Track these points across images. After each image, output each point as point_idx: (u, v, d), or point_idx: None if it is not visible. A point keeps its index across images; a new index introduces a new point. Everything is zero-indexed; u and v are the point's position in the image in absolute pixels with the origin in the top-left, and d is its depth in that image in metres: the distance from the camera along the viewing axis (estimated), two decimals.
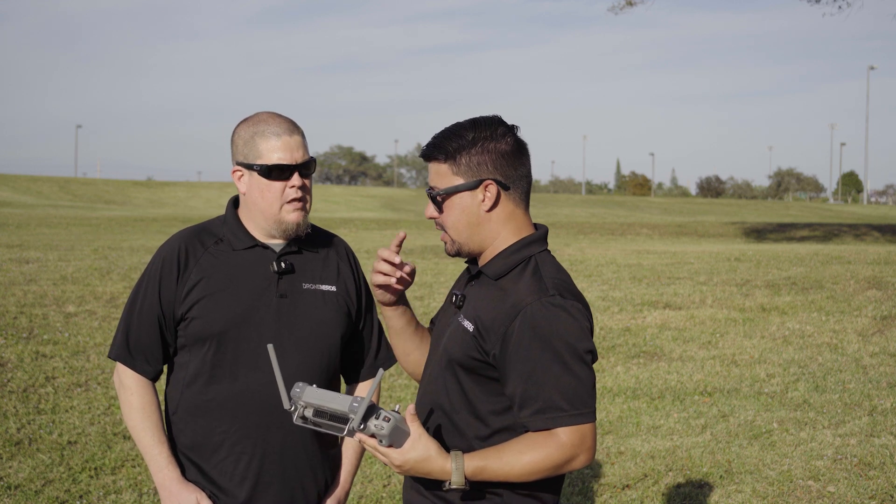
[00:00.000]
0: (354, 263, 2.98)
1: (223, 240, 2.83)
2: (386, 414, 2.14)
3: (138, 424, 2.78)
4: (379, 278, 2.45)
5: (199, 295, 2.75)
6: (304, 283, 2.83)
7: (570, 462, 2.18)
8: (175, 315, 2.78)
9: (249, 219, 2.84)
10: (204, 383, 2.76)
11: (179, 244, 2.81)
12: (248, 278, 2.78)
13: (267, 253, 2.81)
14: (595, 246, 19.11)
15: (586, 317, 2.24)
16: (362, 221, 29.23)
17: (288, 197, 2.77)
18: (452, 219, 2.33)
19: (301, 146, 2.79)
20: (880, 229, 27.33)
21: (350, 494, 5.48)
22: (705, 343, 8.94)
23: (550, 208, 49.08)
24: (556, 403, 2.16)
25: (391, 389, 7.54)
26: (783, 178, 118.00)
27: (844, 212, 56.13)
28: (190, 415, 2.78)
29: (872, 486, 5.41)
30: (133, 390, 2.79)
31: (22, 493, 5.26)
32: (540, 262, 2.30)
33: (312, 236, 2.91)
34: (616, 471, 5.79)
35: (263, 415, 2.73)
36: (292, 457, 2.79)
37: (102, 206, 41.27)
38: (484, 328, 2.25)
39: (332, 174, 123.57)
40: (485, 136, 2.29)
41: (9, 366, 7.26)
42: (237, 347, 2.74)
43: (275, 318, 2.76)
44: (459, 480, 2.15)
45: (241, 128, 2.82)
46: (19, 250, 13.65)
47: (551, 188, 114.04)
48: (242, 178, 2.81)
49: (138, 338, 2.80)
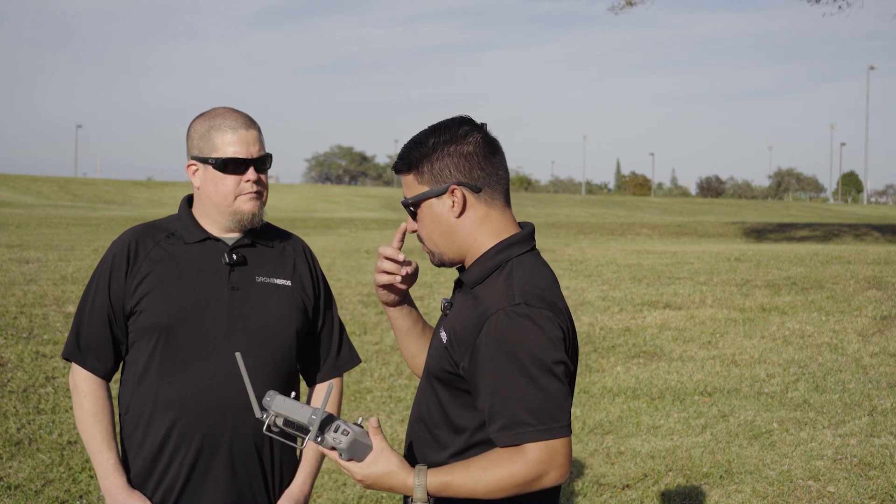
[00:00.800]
0: (312, 261, 2.93)
1: (175, 234, 2.80)
2: (345, 427, 2.09)
3: (88, 429, 2.74)
4: (383, 278, 2.38)
5: (147, 288, 2.72)
6: (257, 275, 2.79)
7: (540, 479, 2.06)
8: (125, 309, 2.74)
9: (203, 214, 2.81)
10: (154, 378, 2.70)
11: (129, 239, 2.79)
12: (199, 270, 2.74)
13: (219, 245, 2.78)
14: (595, 246, 19.09)
15: (557, 325, 2.11)
16: (362, 221, 29.22)
17: (243, 190, 2.74)
18: (427, 229, 2.26)
19: (257, 141, 2.77)
20: (880, 229, 27.32)
21: (350, 494, 5.48)
22: (705, 343, 8.94)
23: (550, 208, 49.06)
24: (521, 418, 2.05)
25: (391, 389, 7.53)
26: (783, 178, 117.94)
27: (844, 212, 56.11)
28: (139, 413, 2.73)
29: (872, 486, 5.41)
30: (85, 393, 2.76)
31: (22, 493, 5.26)
32: (515, 267, 2.19)
33: (269, 232, 2.87)
34: (616, 471, 5.79)
35: (213, 411, 2.69)
36: (243, 454, 2.74)
37: (102, 206, 41.25)
38: (456, 339, 2.17)
39: (332, 174, 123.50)
40: (444, 139, 2.21)
41: (9, 366, 7.26)
42: (187, 341, 2.70)
43: (226, 311, 2.72)
44: (422, 497, 2.08)
45: (197, 122, 2.80)
46: (19, 250, 13.64)
47: (551, 188, 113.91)
48: (197, 172, 2.78)
49: (89, 335, 2.76)
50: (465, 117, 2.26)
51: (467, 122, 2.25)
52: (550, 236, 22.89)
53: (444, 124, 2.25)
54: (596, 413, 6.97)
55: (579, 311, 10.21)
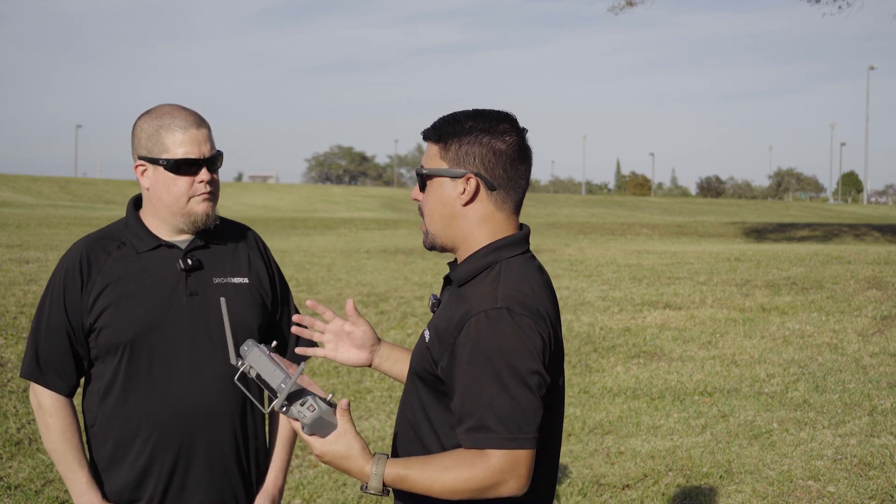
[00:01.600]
0: (265, 253, 2.89)
1: (126, 243, 2.73)
2: (313, 402, 2.09)
3: (58, 448, 2.70)
4: (319, 350, 2.46)
5: (105, 303, 2.66)
6: (214, 277, 2.74)
7: (497, 487, 2.03)
8: (84, 326, 2.68)
9: (154, 215, 2.74)
10: (120, 392, 2.67)
11: (80, 252, 2.71)
12: (155, 280, 2.69)
13: (172, 252, 2.73)
14: (595, 246, 19.09)
15: (538, 333, 2.06)
16: (362, 221, 29.22)
17: (196, 191, 2.69)
18: (430, 204, 2.23)
19: (208, 140, 2.71)
20: (880, 229, 27.32)
21: (349, 494, 5.48)
22: (705, 343, 8.94)
23: (550, 208, 49.06)
24: (487, 424, 2.02)
25: (391, 389, 7.53)
26: (783, 178, 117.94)
27: (844, 212, 56.11)
28: (109, 426, 2.69)
29: (872, 486, 5.41)
30: (51, 412, 2.71)
31: (22, 493, 5.26)
32: (504, 269, 2.15)
33: (220, 229, 2.81)
34: (616, 471, 5.79)
35: (185, 420, 2.66)
36: (219, 459, 2.71)
37: (102, 206, 41.24)
38: (437, 338, 2.14)
39: (332, 174, 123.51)
40: (482, 128, 2.18)
41: (9, 366, 7.26)
42: (151, 353, 2.66)
43: (187, 318, 2.68)
44: (377, 486, 2.07)
45: (144, 120, 2.72)
46: (19, 250, 13.64)
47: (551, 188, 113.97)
48: (146, 172, 2.71)
49: (48, 353, 2.70)
50: (511, 115, 2.23)
51: (510, 120, 2.22)
52: (550, 236, 22.90)
53: (488, 113, 2.21)
54: (596, 413, 6.97)
55: (579, 311, 10.21)
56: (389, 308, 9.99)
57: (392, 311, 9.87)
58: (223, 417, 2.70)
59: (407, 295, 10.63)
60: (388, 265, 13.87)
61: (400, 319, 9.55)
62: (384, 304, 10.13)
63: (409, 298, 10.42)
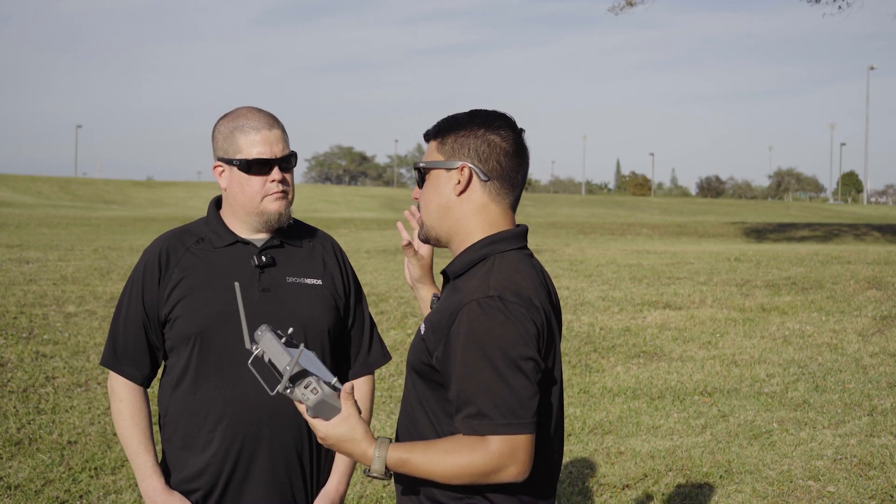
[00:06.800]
0: (342, 258, 2.94)
1: (204, 239, 2.82)
2: (316, 386, 2.11)
3: (126, 432, 2.77)
4: (408, 248, 2.59)
5: (180, 295, 2.74)
6: (287, 276, 2.79)
7: (498, 472, 2.06)
8: (160, 317, 2.77)
9: (231, 215, 2.82)
10: (191, 383, 2.73)
11: (161, 247, 2.81)
12: (229, 275, 2.75)
13: (248, 248, 2.79)
14: (595, 246, 19.09)
15: (531, 320, 2.09)
16: (362, 221, 29.22)
17: (269, 190, 2.75)
18: (426, 198, 2.28)
19: (281, 140, 2.78)
20: (880, 229, 27.33)
21: (350, 494, 5.48)
22: (705, 343, 8.94)
23: (550, 208, 49.07)
24: (484, 410, 2.05)
25: (391, 389, 7.53)
26: (783, 178, 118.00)
27: (844, 212, 56.10)
28: (178, 417, 2.75)
29: (872, 486, 5.41)
30: (122, 398, 2.79)
31: (22, 493, 5.26)
32: (498, 262, 2.18)
33: (297, 231, 2.88)
34: (616, 471, 5.79)
35: (252, 412, 2.71)
36: (282, 455, 2.75)
37: (102, 206, 41.26)
38: (432, 329, 2.17)
39: (332, 174, 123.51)
40: (478, 122, 2.23)
41: (9, 366, 7.26)
42: (221, 345, 2.71)
43: (257, 313, 2.71)
44: (379, 469, 2.10)
45: (222, 123, 2.81)
46: (19, 250, 13.64)
47: (551, 188, 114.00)
48: (223, 173, 2.80)
49: (125, 344, 2.79)
50: (509, 115, 2.28)
51: (507, 119, 2.27)
52: (550, 236, 22.88)
53: (486, 112, 2.27)
54: (596, 413, 6.97)
55: (579, 311, 10.21)
56: (389, 308, 9.98)
57: (392, 311, 9.87)
58: (288, 414, 2.73)
59: (407, 295, 10.62)
60: (388, 265, 13.87)
61: (400, 319, 9.54)
62: (384, 304, 10.13)
63: (409, 298, 10.42)
